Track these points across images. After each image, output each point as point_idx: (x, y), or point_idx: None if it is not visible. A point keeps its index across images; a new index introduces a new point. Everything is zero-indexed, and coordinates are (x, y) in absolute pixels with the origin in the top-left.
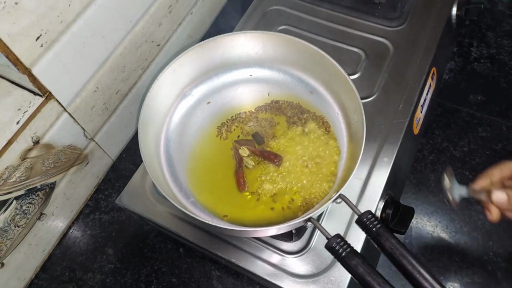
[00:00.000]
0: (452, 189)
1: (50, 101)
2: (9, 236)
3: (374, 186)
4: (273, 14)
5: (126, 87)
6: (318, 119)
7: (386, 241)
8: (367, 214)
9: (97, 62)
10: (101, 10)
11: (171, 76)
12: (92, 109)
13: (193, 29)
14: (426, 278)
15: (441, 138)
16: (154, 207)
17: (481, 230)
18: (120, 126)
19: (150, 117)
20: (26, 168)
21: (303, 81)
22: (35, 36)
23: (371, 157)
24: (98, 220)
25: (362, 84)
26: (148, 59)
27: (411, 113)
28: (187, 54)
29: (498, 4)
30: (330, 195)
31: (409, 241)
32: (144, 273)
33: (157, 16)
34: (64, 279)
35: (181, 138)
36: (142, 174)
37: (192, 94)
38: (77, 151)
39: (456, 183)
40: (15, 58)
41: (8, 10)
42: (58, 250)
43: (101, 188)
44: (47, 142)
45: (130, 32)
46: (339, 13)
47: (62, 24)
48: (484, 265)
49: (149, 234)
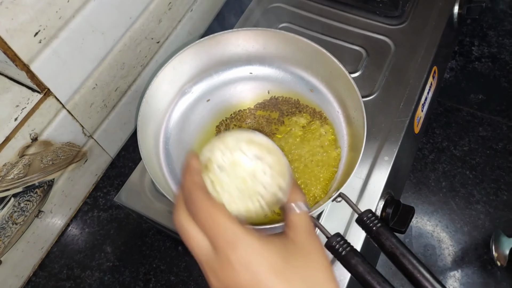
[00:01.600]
0: (500, 246)
1: (49, 97)
2: (6, 233)
3: (374, 185)
4: (274, 11)
5: (125, 84)
6: (317, 116)
7: (387, 240)
8: (367, 213)
9: (96, 59)
10: (100, 6)
11: (171, 73)
12: (91, 106)
13: (193, 26)
14: (426, 278)
15: (441, 137)
16: (153, 205)
17: (481, 230)
18: (119, 123)
19: (149, 114)
20: (24, 165)
21: (304, 79)
22: (33, 32)
23: (371, 155)
24: (96, 218)
25: (363, 83)
26: (148, 56)
27: (412, 112)
28: (187, 52)
29: (499, 3)
30: (330, 194)
31: (409, 240)
32: (142, 271)
33: (157, 12)
34: (62, 277)
35: (181, 136)
36: (141, 172)
37: (191, 92)
38: (76, 148)
39: (505, 237)
40: (13, 54)
41: (6, 6)
42: (56, 247)
43: (99, 186)
44: (46, 139)
45: (129, 29)
46: (340, 11)
47: (61, 20)
48: (484, 265)
49: (147, 232)
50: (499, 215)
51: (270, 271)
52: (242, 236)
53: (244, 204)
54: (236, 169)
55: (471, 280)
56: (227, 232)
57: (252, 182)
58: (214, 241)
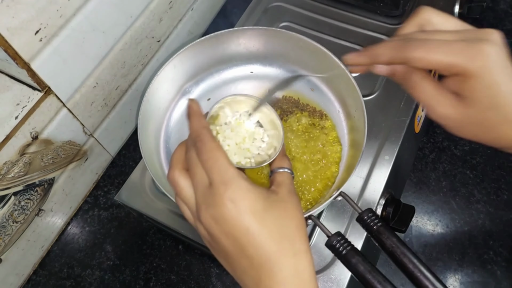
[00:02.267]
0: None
1: (49, 96)
2: (7, 232)
3: (374, 184)
4: (275, 10)
5: (126, 83)
6: (318, 115)
7: (387, 239)
8: (368, 212)
9: (97, 58)
10: (101, 5)
11: (172, 72)
12: (92, 105)
13: (194, 25)
14: (427, 277)
15: (442, 136)
16: (153, 203)
17: (481, 230)
18: (120, 122)
19: (150, 113)
20: (24, 163)
21: (304, 78)
22: (34, 30)
23: (372, 155)
24: (97, 217)
25: (363, 82)
26: (148, 55)
27: (412, 111)
28: (188, 50)
29: (500, 2)
30: (331, 193)
31: (409, 239)
32: (143, 270)
33: (157, 11)
34: (63, 276)
35: (181, 135)
36: (141, 171)
37: (192, 91)
38: (76, 147)
39: None
40: (14, 52)
41: (7, 4)
42: (56, 246)
43: (100, 185)
44: (46, 138)
45: (130, 28)
46: (341, 10)
47: (61, 19)
48: (484, 264)
49: (148, 231)
50: (500, 215)
51: (251, 211)
52: (236, 178)
53: (237, 159)
54: (239, 128)
55: (471, 279)
56: (226, 172)
57: (250, 144)
58: (213, 177)
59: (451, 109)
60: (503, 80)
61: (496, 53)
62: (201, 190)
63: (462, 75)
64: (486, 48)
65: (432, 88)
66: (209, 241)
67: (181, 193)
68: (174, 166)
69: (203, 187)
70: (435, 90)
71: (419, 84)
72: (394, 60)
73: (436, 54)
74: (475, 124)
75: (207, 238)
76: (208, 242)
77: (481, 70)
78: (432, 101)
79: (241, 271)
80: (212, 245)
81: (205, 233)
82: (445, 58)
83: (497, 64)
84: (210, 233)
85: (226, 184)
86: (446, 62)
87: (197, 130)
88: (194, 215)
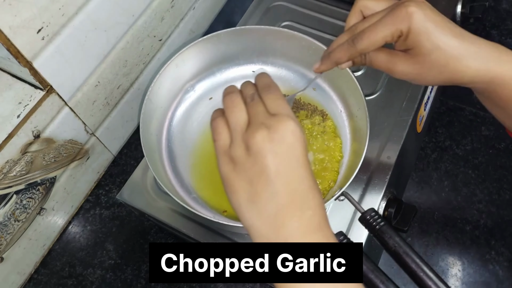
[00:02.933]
0: None
1: (51, 95)
2: (9, 230)
3: (376, 184)
4: (276, 9)
5: (127, 82)
6: (319, 115)
7: (390, 239)
8: (371, 212)
9: (98, 56)
10: (103, 4)
11: (173, 71)
12: (94, 104)
13: (196, 24)
14: (429, 276)
15: (444, 136)
16: (155, 202)
17: (483, 229)
18: (122, 121)
19: (152, 112)
20: (26, 162)
21: (306, 77)
22: (36, 29)
23: (374, 154)
24: (98, 216)
25: (365, 81)
26: (150, 54)
27: (414, 111)
28: (190, 49)
29: (502, 2)
30: (333, 193)
31: (411, 239)
32: (144, 269)
33: (159, 10)
34: (64, 274)
35: (183, 134)
36: (143, 170)
37: (194, 90)
38: (78, 146)
39: None
40: (16, 51)
41: (9, 2)
42: (58, 245)
43: (101, 184)
44: (48, 137)
45: (132, 27)
46: (343, 9)
47: (63, 17)
48: (486, 264)
49: (149, 230)
50: (502, 215)
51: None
52: (299, 123)
53: None
54: None
55: (473, 279)
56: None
57: None
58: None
59: (406, 64)
60: (431, 25)
61: (418, 7)
62: (262, 115)
63: (403, 36)
64: (408, 8)
65: (385, 55)
66: (242, 161)
67: (232, 112)
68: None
69: (264, 113)
70: (388, 56)
71: (374, 57)
72: (352, 57)
73: (377, 35)
74: (429, 69)
75: (242, 158)
76: (240, 162)
77: (412, 25)
78: (389, 64)
79: (269, 194)
80: (245, 165)
81: (241, 153)
82: (384, 33)
83: (422, 15)
84: (254, 150)
85: (293, 119)
86: (386, 35)
87: (269, 82)
88: (237, 132)
